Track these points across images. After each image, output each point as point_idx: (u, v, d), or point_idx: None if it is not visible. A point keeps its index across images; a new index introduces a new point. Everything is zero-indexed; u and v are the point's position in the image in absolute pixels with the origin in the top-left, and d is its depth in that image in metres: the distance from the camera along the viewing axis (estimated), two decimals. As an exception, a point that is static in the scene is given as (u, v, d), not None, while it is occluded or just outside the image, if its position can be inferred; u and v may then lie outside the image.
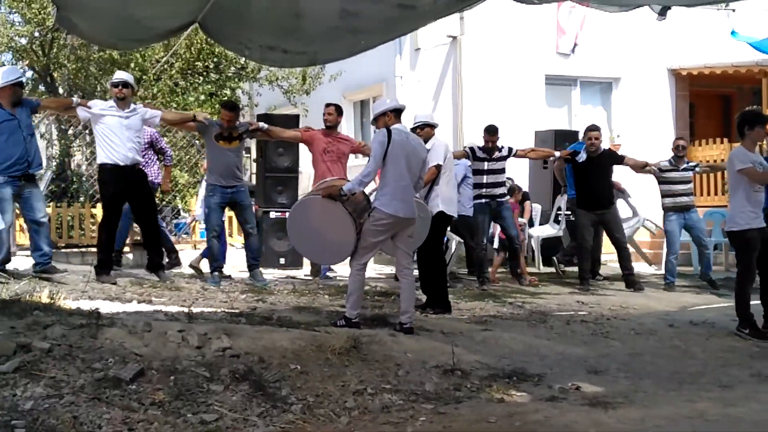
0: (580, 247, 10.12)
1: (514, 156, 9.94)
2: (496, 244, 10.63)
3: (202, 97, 13.07)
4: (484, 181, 9.71)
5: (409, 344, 5.79)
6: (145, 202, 8.67)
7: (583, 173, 9.94)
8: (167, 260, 9.33)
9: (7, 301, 5.62)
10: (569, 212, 11.10)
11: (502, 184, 9.81)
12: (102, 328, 4.95)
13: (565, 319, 7.59)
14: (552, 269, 11.60)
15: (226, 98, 13.55)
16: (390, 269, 10.23)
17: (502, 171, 9.80)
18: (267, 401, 4.46)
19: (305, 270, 10.56)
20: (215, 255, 8.91)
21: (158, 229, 9.02)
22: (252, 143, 14.08)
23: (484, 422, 4.30)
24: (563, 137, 12.34)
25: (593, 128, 10.02)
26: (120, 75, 8.75)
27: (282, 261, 10.88)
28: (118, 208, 8.50)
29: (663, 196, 10.15)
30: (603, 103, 15.00)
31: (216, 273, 8.85)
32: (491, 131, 9.71)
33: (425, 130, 7.83)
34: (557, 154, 10.41)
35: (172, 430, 3.98)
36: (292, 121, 11.49)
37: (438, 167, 7.68)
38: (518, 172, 11.95)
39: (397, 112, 6.60)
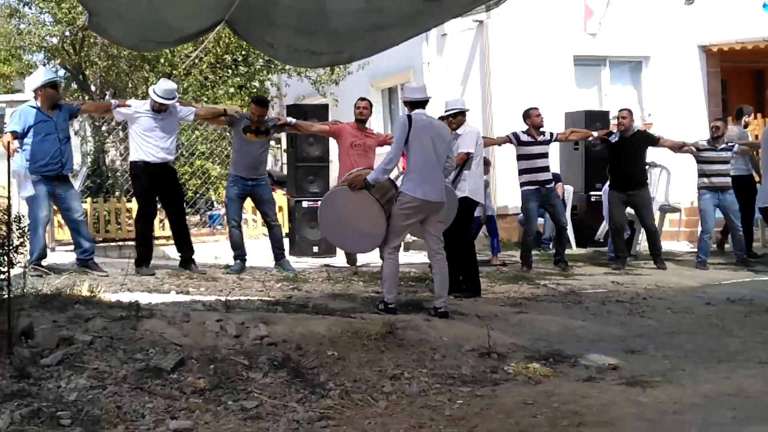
0: (611, 227, 10.09)
1: (555, 140, 9.89)
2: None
3: (232, 90, 13.16)
4: (536, 165, 9.58)
5: (444, 328, 5.82)
6: (174, 199, 8.93)
7: (615, 154, 9.90)
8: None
9: (49, 295, 5.73)
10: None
11: (548, 169, 9.75)
12: (142, 320, 5.04)
13: (600, 300, 7.58)
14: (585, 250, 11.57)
15: (255, 90, 13.66)
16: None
17: (547, 155, 9.75)
18: (305, 387, 4.51)
19: (339, 258, 10.62)
20: (237, 244, 9.06)
21: (185, 224, 9.18)
22: (282, 134, 14.14)
23: (521, 404, 4.31)
24: (594, 118, 12.25)
25: (622, 109, 10.10)
26: (167, 89, 8.57)
27: (315, 249, 10.95)
28: (150, 203, 8.78)
29: (699, 175, 10.11)
30: (633, 82, 14.84)
31: (238, 261, 9.04)
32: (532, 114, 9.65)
33: (458, 117, 7.84)
34: (595, 134, 10.36)
35: (213, 417, 4.04)
36: (321, 111, 11.54)
37: (468, 155, 7.69)
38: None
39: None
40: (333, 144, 11.04)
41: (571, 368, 5.20)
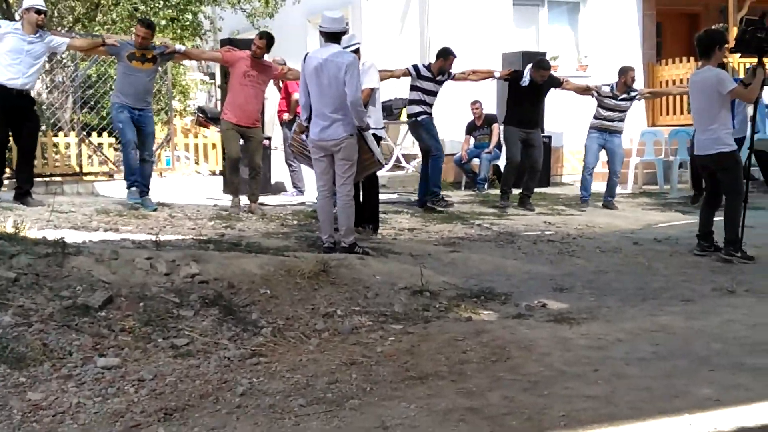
0: (508, 163, 10.17)
1: (452, 80, 9.78)
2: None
3: (163, 22, 12.74)
4: (428, 100, 9.51)
5: (377, 267, 5.84)
6: (28, 128, 8.42)
7: (521, 94, 9.86)
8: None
9: (-29, 232, 5.56)
10: None
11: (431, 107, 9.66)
12: (68, 257, 4.92)
13: (532, 239, 7.69)
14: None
15: (188, 23, 13.29)
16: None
17: (436, 94, 9.62)
18: (237, 325, 4.51)
19: (274, 198, 10.54)
20: (132, 169, 8.67)
21: (33, 157, 8.84)
22: (216, 68, 13.87)
23: (452, 340, 4.38)
24: (531, 58, 12.22)
25: (543, 66, 9.82)
26: (40, 1, 8.30)
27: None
28: (3, 129, 8.29)
29: (594, 117, 10.30)
30: (570, 23, 14.85)
31: (134, 188, 8.66)
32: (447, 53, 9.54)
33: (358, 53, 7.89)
34: (497, 74, 10.28)
35: (142, 354, 4.01)
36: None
37: (372, 90, 7.68)
38: (486, 94, 11.89)
39: None
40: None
41: (501, 305, 5.30)
